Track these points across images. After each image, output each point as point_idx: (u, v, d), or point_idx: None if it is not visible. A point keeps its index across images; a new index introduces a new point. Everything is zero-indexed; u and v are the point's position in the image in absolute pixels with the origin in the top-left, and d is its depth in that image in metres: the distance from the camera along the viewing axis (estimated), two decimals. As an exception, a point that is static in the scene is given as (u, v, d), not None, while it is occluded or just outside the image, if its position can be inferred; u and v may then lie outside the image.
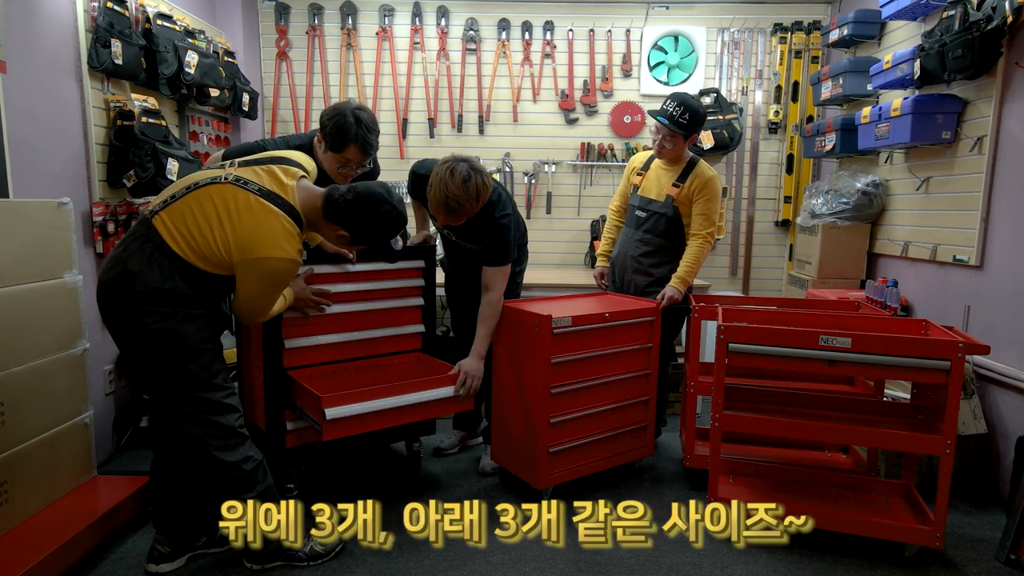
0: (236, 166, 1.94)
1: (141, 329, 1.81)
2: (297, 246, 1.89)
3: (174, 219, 1.83)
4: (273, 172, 1.91)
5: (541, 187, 4.38)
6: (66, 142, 2.68)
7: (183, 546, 2.12)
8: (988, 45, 2.62)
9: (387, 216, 1.98)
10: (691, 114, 2.73)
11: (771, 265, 4.47)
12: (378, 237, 2.04)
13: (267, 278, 1.86)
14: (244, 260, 1.82)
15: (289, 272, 1.89)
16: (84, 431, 2.33)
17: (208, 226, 1.81)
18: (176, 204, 1.85)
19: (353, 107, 2.33)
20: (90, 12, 2.74)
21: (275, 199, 1.86)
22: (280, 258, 1.83)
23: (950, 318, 2.95)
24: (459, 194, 2.33)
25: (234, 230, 1.81)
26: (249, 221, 1.81)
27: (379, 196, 1.96)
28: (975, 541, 2.38)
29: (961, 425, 2.68)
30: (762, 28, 4.28)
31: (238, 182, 1.85)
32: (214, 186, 1.85)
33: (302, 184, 1.96)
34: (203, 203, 1.83)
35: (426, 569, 2.14)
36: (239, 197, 1.83)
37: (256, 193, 1.84)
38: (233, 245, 1.81)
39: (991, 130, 2.75)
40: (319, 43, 4.24)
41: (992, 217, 2.78)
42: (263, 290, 1.89)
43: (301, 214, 1.92)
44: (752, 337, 2.24)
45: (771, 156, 4.40)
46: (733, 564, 2.20)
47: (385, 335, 2.65)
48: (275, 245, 1.82)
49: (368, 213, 1.95)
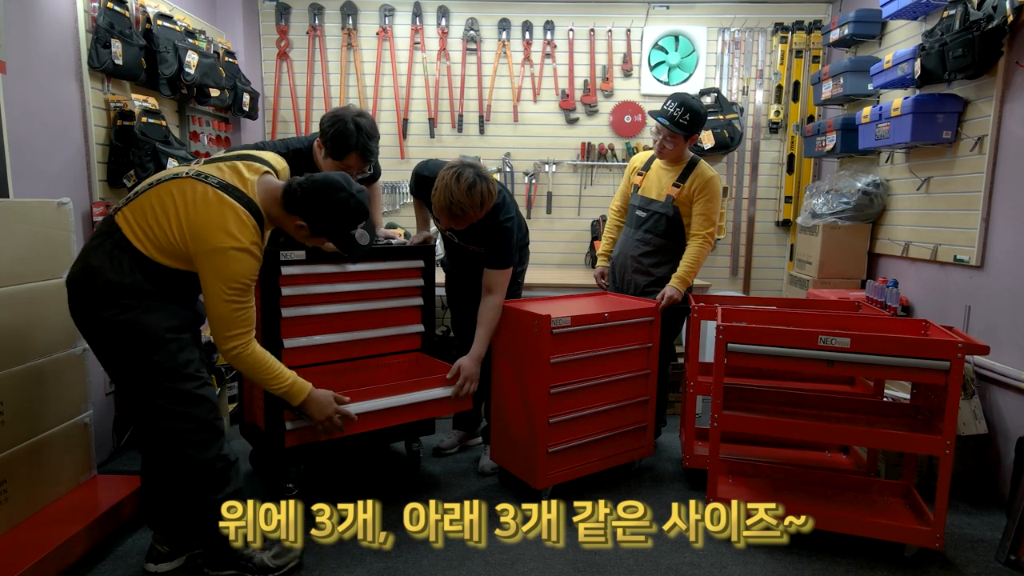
0: (202, 162, 1.94)
1: (102, 322, 1.80)
2: (252, 237, 1.83)
3: (135, 214, 1.82)
4: (236, 167, 1.91)
5: (541, 187, 4.38)
6: (67, 142, 2.69)
7: (181, 546, 2.12)
8: (989, 44, 2.61)
9: (344, 203, 1.91)
10: (692, 115, 2.73)
11: (772, 265, 4.46)
12: (336, 226, 1.95)
13: (220, 270, 1.78)
14: (199, 252, 1.78)
15: (242, 263, 1.80)
16: (84, 431, 2.33)
17: (166, 218, 1.79)
18: (138, 200, 1.84)
19: (353, 113, 2.33)
20: (90, 12, 2.75)
21: (232, 191, 1.83)
22: (232, 248, 1.77)
23: (951, 318, 2.94)
24: (464, 200, 2.33)
25: (188, 218, 1.78)
26: (204, 210, 1.79)
27: (336, 183, 1.91)
28: (975, 542, 2.37)
29: (961, 425, 2.68)
30: (763, 28, 4.27)
31: (199, 176, 1.85)
32: (175, 180, 1.85)
33: (264, 179, 1.93)
34: (163, 197, 1.82)
35: (424, 569, 2.14)
36: (197, 189, 1.81)
37: (215, 186, 1.82)
38: (188, 234, 1.78)
39: (992, 130, 2.75)
40: (319, 43, 4.24)
41: (993, 217, 2.77)
42: (220, 287, 1.79)
43: (261, 208, 1.89)
44: (751, 337, 2.24)
45: (772, 156, 4.39)
46: (732, 564, 2.19)
47: (385, 335, 2.66)
48: (228, 233, 1.77)
49: (324, 201, 1.90)
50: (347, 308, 2.52)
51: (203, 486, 1.93)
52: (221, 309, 1.82)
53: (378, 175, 2.87)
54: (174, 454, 1.90)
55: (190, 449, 1.89)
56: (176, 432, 1.87)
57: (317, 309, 2.47)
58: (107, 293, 1.78)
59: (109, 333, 1.81)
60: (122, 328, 1.79)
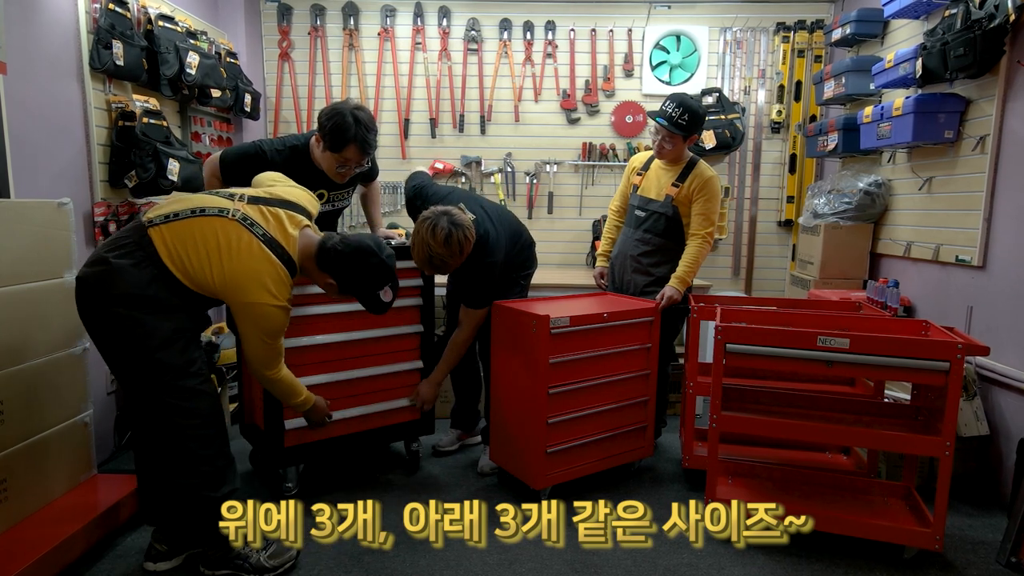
0: (246, 201, 1.97)
1: (112, 318, 1.82)
2: (288, 295, 1.94)
3: (174, 238, 1.86)
4: (280, 219, 1.97)
5: (543, 187, 4.38)
6: (68, 143, 2.70)
7: (180, 544, 2.12)
8: (990, 43, 2.59)
9: (374, 269, 2.03)
10: (690, 115, 2.73)
11: (774, 265, 4.45)
12: (364, 289, 2.06)
13: (260, 323, 1.90)
14: (236, 303, 1.89)
15: (279, 319, 1.93)
16: (84, 430, 2.34)
17: (207, 256, 1.85)
18: (178, 224, 1.87)
19: (351, 107, 2.34)
20: (91, 14, 2.76)
21: (276, 247, 1.92)
22: (268, 304, 1.88)
23: (952, 319, 2.93)
24: (442, 252, 2.35)
25: (231, 266, 1.86)
26: (247, 262, 1.87)
27: (368, 249, 2.01)
28: (976, 543, 2.36)
29: (963, 427, 2.66)
30: (765, 27, 4.26)
31: (245, 221, 1.90)
32: (219, 219, 1.89)
33: (304, 232, 2.02)
34: (206, 232, 1.87)
35: (422, 569, 2.14)
36: (243, 238, 1.88)
37: (260, 238, 1.89)
38: (227, 281, 1.86)
39: (994, 129, 2.73)
40: (321, 44, 4.25)
41: (995, 217, 2.75)
42: (260, 337, 1.93)
43: (297, 264, 1.99)
44: (750, 338, 2.23)
45: (774, 156, 4.38)
46: (730, 566, 2.19)
47: (384, 335, 2.66)
48: (265, 290, 1.87)
49: (356, 265, 2.01)
50: (346, 308, 2.52)
51: (202, 483, 1.94)
52: (259, 352, 1.98)
53: (376, 173, 2.87)
54: (177, 450, 1.91)
55: (193, 444, 1.91)
56: (181, 428, 1.90)
57: (315, 309, 2.47)
58: (124, 297, 1.81)
59: (118, 331, 1.83)
60: (131, 326, 1.82)
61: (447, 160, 4.30)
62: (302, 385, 2.20)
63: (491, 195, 4.33)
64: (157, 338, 1.84)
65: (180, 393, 1.88)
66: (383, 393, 2.71)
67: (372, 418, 2.68)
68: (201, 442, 1.93)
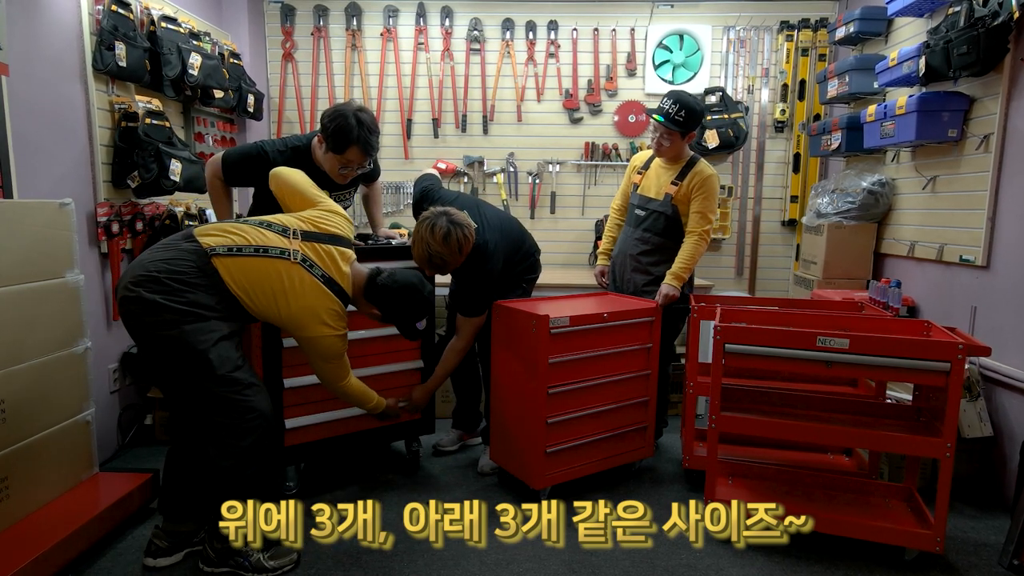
0: (300, 239, 2.11)
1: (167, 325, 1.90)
2: (343, 324, 2.15)
3: (239, 272, 2.00)
4: (334, 256, 2.15)
5: (545, 187, 4.37)
6: (71, 143, 2.72)
7: (180, 541, 2.14)
8: (994, 41, 2.57)
9: (417, 305, 2.26)
10: (687, 111, 2.72)
11: (777, 265, 4.43)
12: (405, 320, 2.28)
13: (321, 352, 2.14)
14: (301, 336, 2.12)
15: (337, 345, 2.16)
16: (85, 429, 2.36)
17: (273, 296, 2.04)
18: (243, 260, 2.02)
19: (354, 108, 2.35)
20: (94, 15, 2.78)
21: (333, 286, 2.12)
22: (328, 336, 2.11)
23: (956, 319, 2.91)
24: (442, 251, 2.37)
25: (297, 305, 2.05)
26: (310, 301, 2.07)
27: (414, 287, 2.24)
28: (978, 546, 2.34)
29: (967, 428, 2.64)
30: (768, 26, 4.24)
31: (304, 263, 2.08)
32: (282, 261, 2.05)
33: (353, 266, 2.22)
34: (271, 273, 2.04)
35: (420, 568, 2.14)
36: (305, 279, 2.07)
37: (320, 279, 2.09)
38: (292, 319, 2.07)
39: (998, 128, 2.71)
40: (324, 44, 4.26)
41: (999, 216, 2.73)
42: (324, 361, 2.18)
43: (351, 297, 2.20)
44: (749, 338, 2.22)
45: (777, 155, 4.36)
46: (729, 567, 2.18)
47: (383, 334, 2.65)
48: (325, 324, 2.09)
49: (403, 301, 2.22)
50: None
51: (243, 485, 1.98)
52: (327, 373, 2.23)
53: (378, 174, 2.88)
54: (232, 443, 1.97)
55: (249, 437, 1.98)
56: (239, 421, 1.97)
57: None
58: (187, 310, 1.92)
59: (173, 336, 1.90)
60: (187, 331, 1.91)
61: (450, 160, 4.30)
62: (372, 392, 2.42)
63: (493, 195, 4.34)
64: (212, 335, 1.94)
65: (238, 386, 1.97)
66: (384, 393, 2.70)
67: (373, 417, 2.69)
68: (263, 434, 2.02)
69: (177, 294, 1.91)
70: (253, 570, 2.04)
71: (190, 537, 2.16)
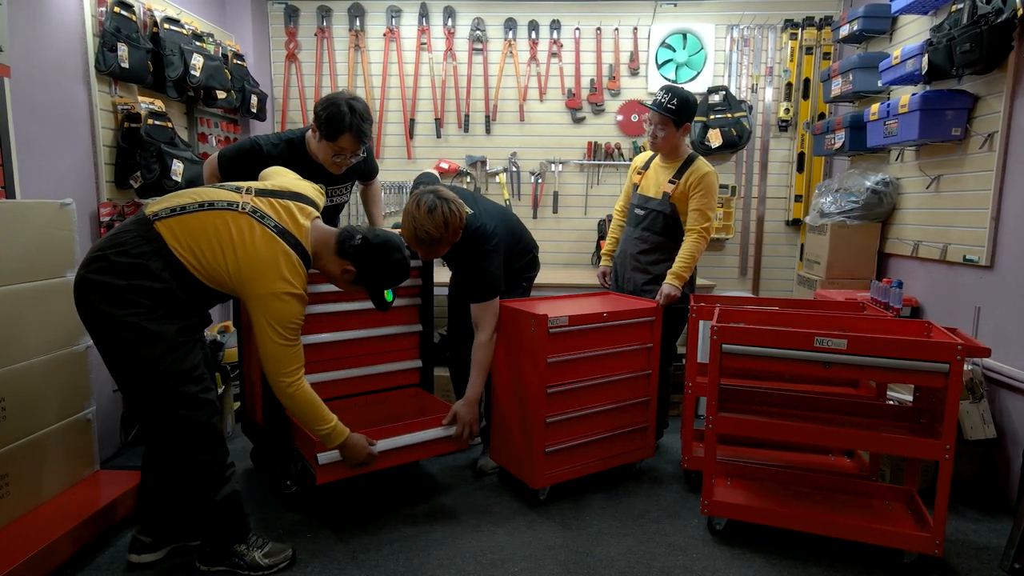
0: (253, 194, 1.96)
1: (115, 320, 1.79)
2: (303, 283, 1.93)
3: (184, 231, 1.84)
4: (291, 210, 1.97)
5: (548, 186, 4.37)
6: (75, 144, 2.74)
7: (165, 537, 2.14)
8: (998, 39, 2.55)
9: (397, 264, 2.09)
10: (679, 100, 2.73)
11: (782, 265, 4.40)
12: (382, 281, 2.10)
13: (275, 313, 1.87)
14: (251, 295, 1.87)
15: (294, 308, 1.90)
16: (86, 427, 2.38)
17: (220, 249, 1.85)
18: (187, 217, 1.86)
19: (347, 97, 2.37)
20: (97, 17, 2.80)
21: (288, 237, 1.92)
22: (286, 292, 1.87)
23: (960, 319, 2.88)
24: (426, 223, 2.33)
25: (245, 257, 1.85)
26: (262, 252, 1.86)
27: (396, 244, 2.08)
28: (979, 549, 2.31)
29: (970, 429, 2.62)
30: (772, 24, 4.21)
31: (255, 214, 1.90)
32: (231, 212, 1.89)
33: (316, 223, 2.03)
34: (218, 226, 1.86)
35: (416, 567, 2.15)
36: (255, 228, 1.88)
37: (272, 229, 1.90)
38: (242, 271, 1.85)
39: (1002, 126, 2.67)
40: (327, 45, 4.28)
41: (1003, 216, 2.70)
42: (275, 330, 1.88)
43: (310, 254, 1.99)
44: (745, 338, 2.21)
45: (782, 154, 4.33)
46: (725, 568, 2.17)
47: (383, 334, 2.66)
48: (283, 279, 1.87)
49: (381, 258, 2.04)
50: (344, 307, 2.54)
51: (201, 486, 1.95)
52: (274, 349, 1.90)
53: (375, 172, 2.90)
54: (173, 455, 1.92)
55: (189, 451, 1.91)
56: (177, 435, 1.89)
57: (315, 308, 2.48)
58: (131, 291, 1.78)
59: (121, 332, 1.80)
60: (135, 329, 1.79)
61: (452, 160, 4.31)
62: (331, 413, 2.06)
63: (496, 195, 4.33)
64: (162, 344, 1.82)
65: (180, 400, 1.86)
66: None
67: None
68: (197, 449, 1.91)
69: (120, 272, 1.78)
70: (249, 568, 2.05)
71: (176, 534, 2.16)
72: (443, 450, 2.52)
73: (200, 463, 1.93)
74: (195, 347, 1.92)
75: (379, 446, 2.26)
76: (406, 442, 2.35)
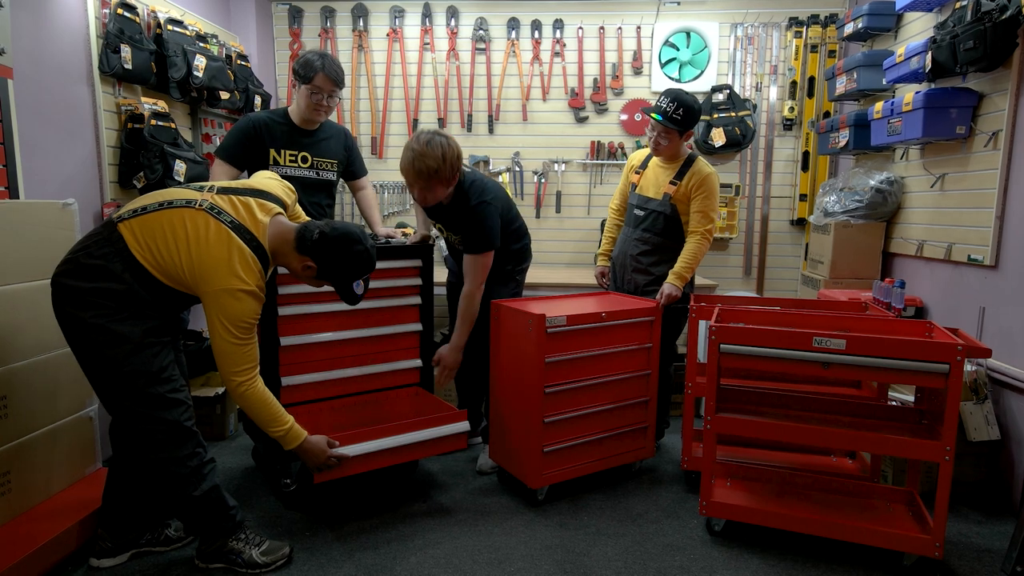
0: (215, 192, 1.95)
1: (82, 322, 1.80)
2: (257, 280, 1.89)
3: (143, 231, 1.84)
4: (250, 206, 1.94)
5: (551, 186, 4.37)
6: (78, 145, 2.77)
7: (125, 542, 2.13)
8: (1002, 36, 2.51)
9: (358, 256, 2.00)
10: (685, 110, 2.69)
11: (786, 265, 4.37)
12: (345, 275, 2.02)
13: (227, 310, 1.84)
14: (206, 291, 1.84)
15: (248, 305, 1.87)
16: (88, 424, 2.40)
17: (175, 246, 1.84)
18: (147, 217, 1.87)
19: (318, 52, 2.67)
20: (101, 18, 2.83)
21: (243, 232, 1.89)
22: (239, 289, 1.84)
23: (964, 319, 2.85)
24: (424, 152, 2.38)
25: (198, 253, 1.83)
26: (215, 248, 1.84)
27: (355, 235, 2.00)
28: (981, 551, 2.29)
29: (973, 431, 2.59)
30: (777, 22, 4.19)
31: (212, 210, 1.89)
32: (187, 210, 1.88)
33: (275, 220, 1.99)
34: (174, 223, 1.85)
35: (412, 566, 2.15)
36: (210, 225, 1.86)
37: (227, 224, 1.87)
38: (195, 268, 1.83)
39: (1007, 124, 2.64)
40: (331, 45, 4.29)
41: (1008, 215, 2.67)
42: (227, 328, 1.85)
43: (268, 250, 1.95)
44: (744, 338, 2.20)
45: (786, 153, 4.30)
46: (722, 569, 2.16)
47: (383, 333, 2.67)
48: (235, 275, 1.84)
49: (341, 250, 1.97)
50: (344, 307, 2.54)
51: (178, 484, 1.94)
52: (226, 347, 1.87)
53: (363, 172, 3.01)
54: (145, 454, 1.92)
55: (162, 450, 1.90)
56: (148, 434, 1.89)
57: (314, 308, 2.50)
58: (95, 294, 1.80)
59: (88, 334, 1.81)
60: (100, 330, 1.80)
61: (455, 159, 4.31)
62: (286, 415, 2.01)
63: (499, 194, 4.34)
64: (127, 345, 1.82)
65: (149, 401, 1.86)
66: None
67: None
68: (170, 447, 1.91)
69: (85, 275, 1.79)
70: (246, 565, 2.06)
71: (136, 539, 2.16)
72: (442, 450, 2.52)
73: (172, 460, 1.92)
74: (164, 349, 1.90)
75: (379, 446, 2.26)
76: (404, 441, 2.34)
